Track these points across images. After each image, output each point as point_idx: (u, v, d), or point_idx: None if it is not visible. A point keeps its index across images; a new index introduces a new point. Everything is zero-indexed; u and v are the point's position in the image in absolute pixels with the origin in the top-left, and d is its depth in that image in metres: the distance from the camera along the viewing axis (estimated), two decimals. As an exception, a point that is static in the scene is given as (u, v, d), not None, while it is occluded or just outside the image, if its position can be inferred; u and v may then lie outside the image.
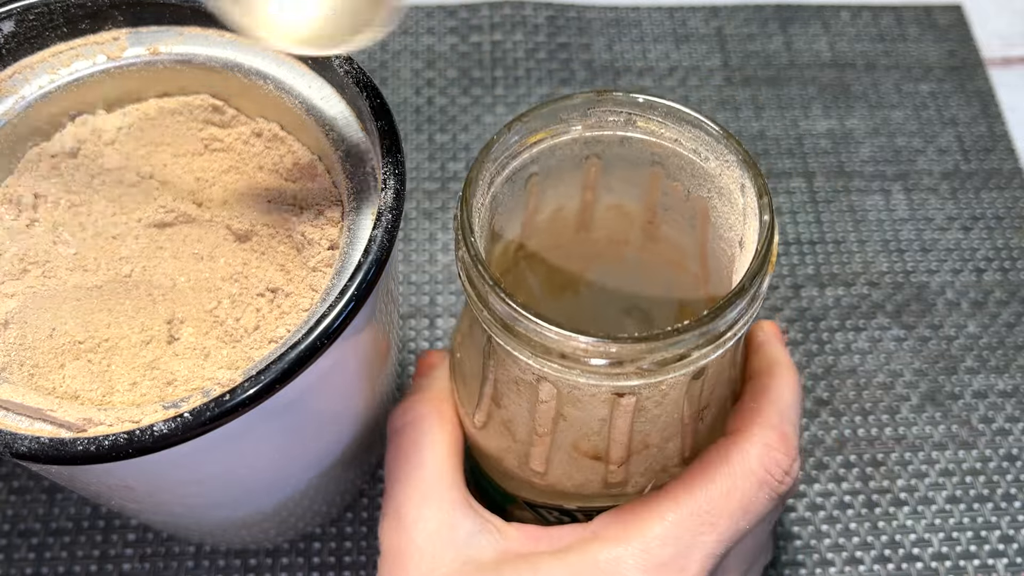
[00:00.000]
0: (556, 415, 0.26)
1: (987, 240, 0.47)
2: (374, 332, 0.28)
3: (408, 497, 0.29)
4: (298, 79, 0.28)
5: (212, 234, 0.28)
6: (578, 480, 0.28)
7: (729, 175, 0.27)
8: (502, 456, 0.29)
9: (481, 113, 0.49)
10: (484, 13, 0.53)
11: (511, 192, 0.28)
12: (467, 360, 0.29)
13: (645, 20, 0.54)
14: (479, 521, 0.28)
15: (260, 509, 0.31)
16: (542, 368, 0.24)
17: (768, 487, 0.28)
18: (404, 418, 0.31)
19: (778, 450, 0.28)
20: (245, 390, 0.22)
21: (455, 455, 0.30)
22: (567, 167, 0.29)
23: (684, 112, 0.27)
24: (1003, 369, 0.43)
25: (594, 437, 0.27)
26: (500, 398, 0.28)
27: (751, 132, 0.50)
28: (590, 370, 0.23)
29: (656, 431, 0.27)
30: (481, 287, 0.24)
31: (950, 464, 0.40)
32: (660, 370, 0.24)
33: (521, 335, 0.24)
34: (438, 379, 0.32)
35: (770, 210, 0.25)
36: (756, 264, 0.24)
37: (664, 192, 0.29)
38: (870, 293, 0.45)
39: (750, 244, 0.26)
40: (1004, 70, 0.53)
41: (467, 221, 0.25)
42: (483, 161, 0.26)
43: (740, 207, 0.27)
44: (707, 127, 0.27)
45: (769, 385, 0.30)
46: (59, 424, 0.23)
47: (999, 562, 0.38)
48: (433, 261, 0.45)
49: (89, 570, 0.36)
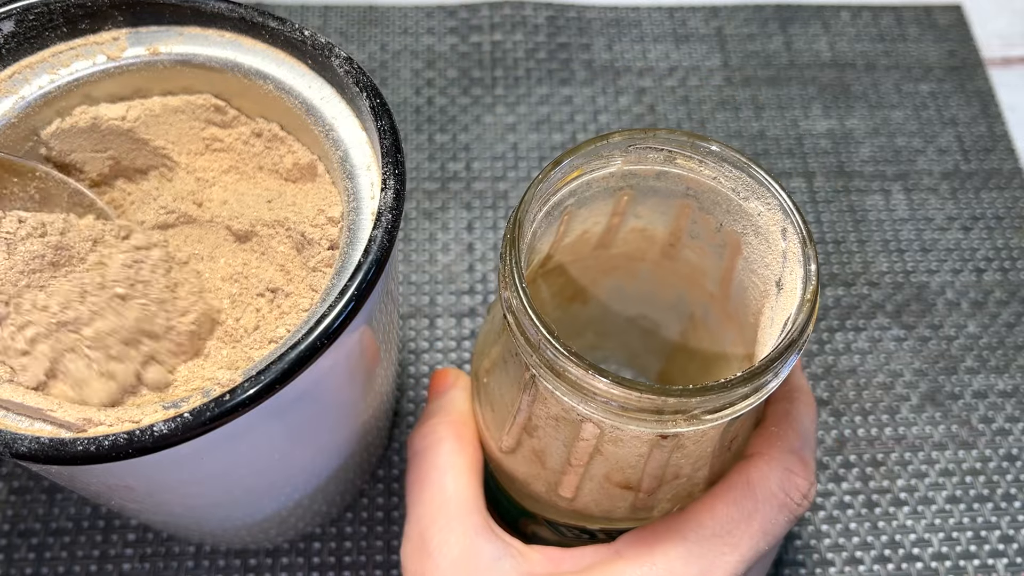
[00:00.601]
0: (594, 451, 0.26)
1: (987, 240, 0.47)
2: (374, 332, 0.28)
3: (432, 522, 0.29)
4: (298, 79, 0.28)
5: (212, 234, 0.28)
6: (606, 506, 0.28)
7: (770, 217, 0.27)
8: (529, 481, 0.29)
9: (481, 113, 0.49)
10: (484, 13, 0.53)
11: (547, 223, 0.28)
12: (497, 388, 0.29)
13: (645, 20, 0.54)
14: (501, 546, 0.28)
15: (260, 509, 0.31)
16: (590, 414, 0.24)
17: (788, 510, 0.28)
18: (424, 441, 0.31)
19: (798, 475, 0.28)
20: (245, 390, 0.22)
21: (476, 479, 0.30)
22: (600, 196, 0.29)
23: (728, 154, 0.27)
24: (1003, 369, 0.43)
25: (629, 471, 0.27)
26: (534, 430, 0.27)
27: (751, 132, 0.50)
28: (639, 418, 0.23)
29: (689, 463, 0.27)
30: (532, 333, 0.24)
31: (950, 464, 0.40)
32: (708, 418, 0.24)
33: (571, 380, 0.23)
34: (457, 400, 0.31)
35: (815, 259, 0.25)
36: (805, 315, 0.24)
37: (693, 221, 0.29)
38: (870, 293, 0.45)
39: (791, 288, 0.26)
40: (1004, 70, 0.53)
41: (517, 263, 0.25)
42: (530, 201, 0.26)
43: (780, 249, 0.26)
44: (752, 171, 0.26)
45: (789, 411, 0.30)
46: (59, 424, 0.23)
47: (999, 562, 0.38)
48: (433, 261, 0.45)
49: (89, 570, 0.36)
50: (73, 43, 0.28)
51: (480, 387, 0.31)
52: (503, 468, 0.30)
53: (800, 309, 0.25)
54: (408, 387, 0.41)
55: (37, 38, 0.28)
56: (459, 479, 0.29)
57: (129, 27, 0.29)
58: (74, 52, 0.28)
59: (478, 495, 0.29)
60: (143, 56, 0.28)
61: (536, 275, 0.31)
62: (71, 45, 0.28)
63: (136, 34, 0.29)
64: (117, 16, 0.28)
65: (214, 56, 0.29)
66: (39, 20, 0.27)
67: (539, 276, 0.31)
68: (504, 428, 0.29)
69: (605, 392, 0.23)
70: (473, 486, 0.29)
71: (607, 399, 0.23)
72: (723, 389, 0.23)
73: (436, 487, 0.29)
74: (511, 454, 0.29)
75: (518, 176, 0.47)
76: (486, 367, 0.30)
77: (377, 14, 0.53)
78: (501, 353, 0.28)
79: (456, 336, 0.43)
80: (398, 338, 0.35)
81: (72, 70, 0.28)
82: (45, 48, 0.28)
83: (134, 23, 0.29)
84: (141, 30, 0.29)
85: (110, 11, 0.28)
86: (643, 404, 0.23)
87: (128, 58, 0.28)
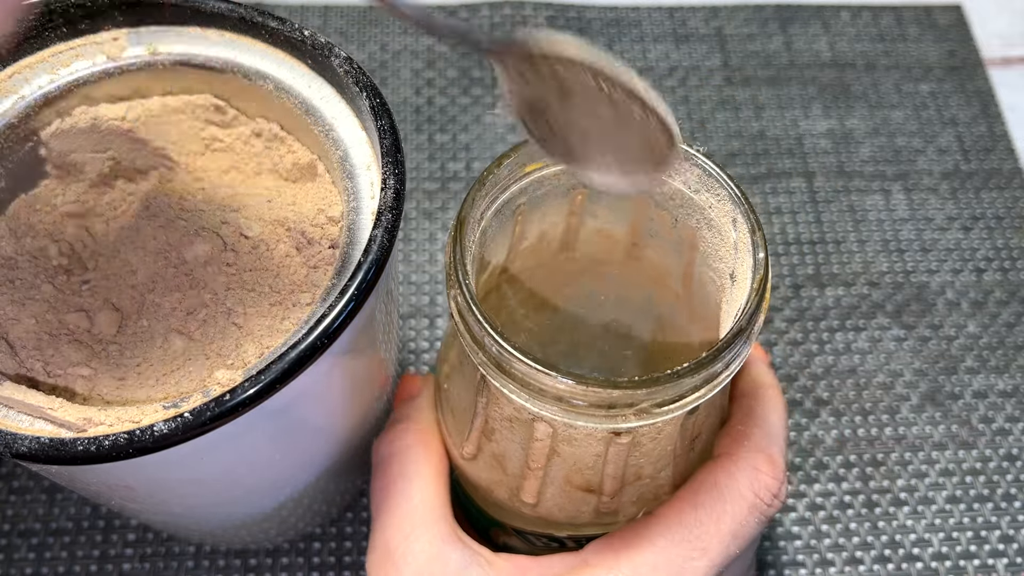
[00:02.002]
0: (551, 452, 0.26)
1: (987, 240, 0.47)
2: (374, 332, 0.28)
3: (397, 530, 0.28)
4: (298, 79, 0.28)
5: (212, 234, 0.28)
6: (570, 511, 0.28)
7: (720, 208, 0.26)
8: (492, 488, 0.29)
9: (481, 113, 0.49)
10: (484, 13, 0.53)
11: (499, 224, 0.28)
12: (456, 393, 0.29)
13: (645, 20, 0.54)
14: (468, 554, 0.28)
15: (260, 509, 0.31)
16: (539, 411, 0.24)
17: (758, 511, 0.27)
18: (390, 448, 0.30)
19: (767, 473, 0.28)
20: (245, 390, 0.22)
21: (442, 486, 0.29)
22: (553, 196, 0.28)
23: None
24: (1003, 369, 0.43)
25: (588, 472, 0.26)
26: (491, 433, 0.27)
27: (751, 132, 0.50)
28: (588, 413, 0.23)
29: (649, 463, 0.27)
30: (477, 330, 0.24)
31: (950, 464, 0.40)
32: (658, 411, 0.23)
33: (518, 377, 0.23)
34: (422, 408, 0.31)
35: (764, 247, 0.25)
36: (753, 304, 0.24)
37: (650, 218, 0.29)
38: (870, 293, 0.45)
39: (743, 279, 0.25)
40: (1004, 70, 0.53)
41: (461, 261, 0.24)
42: (474, 198, 0.26)
43: (732, 240, 0.26)
44: (698, 161, 0.26)
45: (755, 407, 0.29)
46: (59, 424, 0.23)
47: (999, 562, 0.38)
48: (433, 261, 0.45)
49: (89, 570, 0.36)
50: (73, 43, 0.28)
51: (441, 394, 0.30)
52: (467, 476, 0.30)
53: (749, 298, 0.24)
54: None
55: (37, 38, 0.28)
56: (425, 487, 0.29)
57: (129, 27, 0.29)
58: (74, 52, 0.28)
59: (444, 503, 0.29)
60: (143, 56, 0.28)
61: (500, 281, 0.31)
62: (71, 45, 0.28)
63: (136, 34, 0.29)
64: (117, 16, 0.28)
65: (214, 56, 0.29)
66: (39, 20, 0.27)
67: (503, 283, 0.31)
68: (464, 434, 0.28)
69: (551, 387, 0.23)
70: (439, 494, 0.29)
71: (555, 394, 0.23)
72: (670, 380, 0.23)
73: (402, 495, 0.29)
74: (473, 461, 0.29)
75: (518, 176, 0.47)
76: (446, 372, 0.30)
77: (377, 14, 0.53)
78: (457, 356, 0.28)
79: (456, 336, 0.43)
80: (398, 338, 0.35)
81: (72, 70, 0.28)
82: (45, 48, 0.28)
83: (134, 23, 0.29)
84: (141, 30, 0.29)
85: (110, 11, 0.28)
86: (589, 397, 0.23)
87: (128, 58, 0.28)
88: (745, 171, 0.48)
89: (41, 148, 0.28)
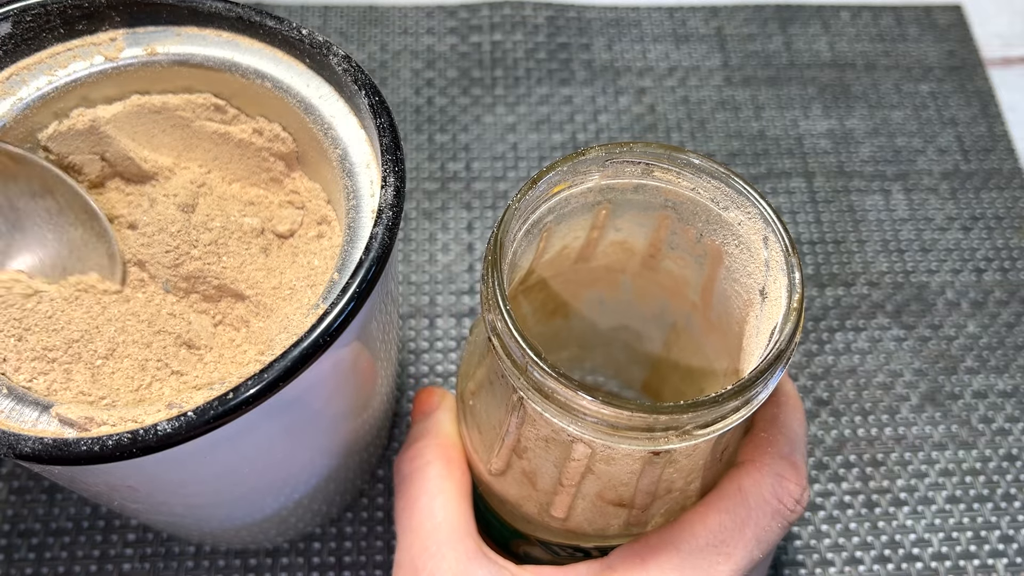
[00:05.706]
0: (586, 471, 0.26)
1: (987, 240, 0.47)
2: (374, 332, 0.28)
3: (422, 549, 0.28)
4: (296, 78, 0.28)
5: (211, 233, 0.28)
6: (599, 524, 0.28)
7: (751, 226, 0.26)
8: (520, 503, 0.29)
9: (481, 113, 0.49)
10: (484, 13, 0.53)
11: (527, 242, 0.28)
12: (484, 411, 0.29)
13: (645, 20, 0.54)
14: (494, 569, 0.28)
15: (261, 509, 0.31)
16: (580, 433, 0.24)
17: (781, 516, 0.28)
18: (412, 464, 0.30)
19: (790, 480, 0.28)
20: (248, 388, 0.22)
21: (466, 502, 0.29)
22: (579, 211, 0.28)
23: (706, 165, 0.26)
24: (1003, 369, 0.43)
25: (621, 488, 0.26)
26: (524, 451, 0.27)
27: (751, 132, 0.50)
28: (630, 436, 0.23)
29: (681, 477, 0.27)
30: (519, 356, 0.23)
31: (950, 464, 0.40)
32: (700, 432, 0.23)
33: (560, 402, 0.23)
34: (442, 423, 0.31)
35: (799, 268, 0.25)
36: (792, 326, 0.24)
37: (673, 232, 0.29)
38: (870, 293, 0.45)
39: (775, 297, 0.25)
40: (1004, 70, 0.53)
41: (500, 284, 0.24)
42: (510, 221, 0.25)
43: (762, 258, 0.26)
44: (731, 181, 0.26)
45: (778, 415, 0.30)
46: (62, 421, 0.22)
47: (999, 562, 0.38)
48: (433, 261, 0.45)
49: (89, 570, 0.36)
50: (70, 44, 0.28)
51: (466, 409, 0.30)
52: (493, 490, 0.30)
53: (787, 319, 0.24)
54: (408, 387, 0.41)
55: (34, 39, 0.28)
56: (449, 504, 0.29)
57: (126, 28, 0.29)
58: (72, 53, 0.28)
59: (469, 519, 0.29)
60: (141, 57, 0.28)
61: (516, 291, 0.31)
62: (68, 46, 0.28)
63: (133, 35, 0.29)
64: (114, 17, 0.28)
65: (212, 56, 0.29)
66: (36, 21, 0.27)
67: (519, 292, 0.31)
68: (493, 450, 0.28)
69: (595, 412, 0.23)
70: (463, 510, 0.29)
71: (597, 419, 0.23)
72: (714, 404, 0.23)
73: (426, 513, 0.29)
74: (501, 476, 0.29)
75: (518, 176, 0.47)
76: (471, 389, 0.29)
77: (377, 14, 0.53)
78: (487, 374, 0.28)
79: (456, 336, 0.42)
80: (398, 338, 0.35)
81: (70, 71, 0.28)
82: (42, 49, 0.28)
83: (131, 24, 0.29)
84: (138, 30, 0.29)
85: (107, 12, 0.28)
86: (634, 423, 0.23)
87: (126, 59, 0.28)
88: (745, 171, 0.48)
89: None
